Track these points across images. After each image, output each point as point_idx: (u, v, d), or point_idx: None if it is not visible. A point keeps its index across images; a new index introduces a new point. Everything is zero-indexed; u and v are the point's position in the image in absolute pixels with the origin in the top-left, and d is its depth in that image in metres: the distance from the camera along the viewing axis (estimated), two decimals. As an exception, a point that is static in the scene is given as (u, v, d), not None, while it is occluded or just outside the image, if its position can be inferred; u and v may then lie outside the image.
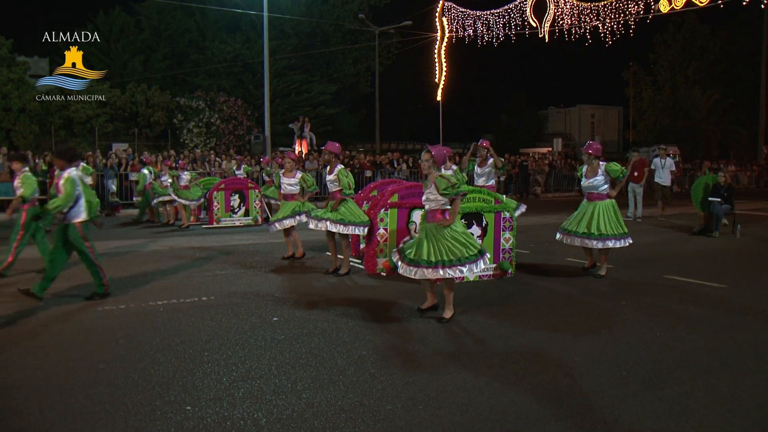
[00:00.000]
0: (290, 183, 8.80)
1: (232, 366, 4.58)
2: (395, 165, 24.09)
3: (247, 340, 5.21)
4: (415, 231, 7.79)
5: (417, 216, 7.73)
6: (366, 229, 7.83)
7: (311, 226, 7.94)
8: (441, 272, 5.55)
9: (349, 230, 7.72)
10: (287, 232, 8.97)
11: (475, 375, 4.43)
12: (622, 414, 3.79)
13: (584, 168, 8.03)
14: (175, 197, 13.63)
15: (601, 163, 7.82)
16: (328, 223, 7.70)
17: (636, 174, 14.86)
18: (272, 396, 4.03)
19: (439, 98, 24.49)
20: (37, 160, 17.91)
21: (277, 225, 8.77)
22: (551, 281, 7.74)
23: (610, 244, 7.65)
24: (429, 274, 5.59)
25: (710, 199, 12.07)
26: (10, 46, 25.68)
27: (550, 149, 38.20)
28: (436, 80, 28.12)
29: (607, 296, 6.94)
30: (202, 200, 14.26)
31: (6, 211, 8.53)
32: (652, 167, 15.82)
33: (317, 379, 4.32)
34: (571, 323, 5.81)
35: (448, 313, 5.78)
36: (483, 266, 5.74)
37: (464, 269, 5.58)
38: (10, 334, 5.40)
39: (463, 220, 7.56)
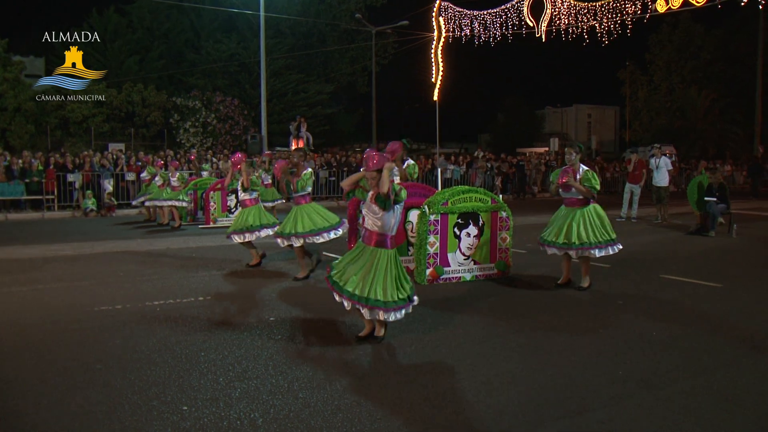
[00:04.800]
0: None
1: (228, 366, 4.57)
2: (392, 165, 24.02)
3: (243, 340, 5.20)
4: (412, 231, 7.78)
5: (413, 216, 7.73)
6: (340, 230, 7.66)
7: (281, 244, 7.68)
8: (363, 310, 4.95)
9: (323, 237, 7.53)
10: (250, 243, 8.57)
11: (472, 374, 4.43)
12: (619, 413, 3.80)
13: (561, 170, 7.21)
14: (164, 201, 13.61)
15: (582, 168, 7.04)
16: (294, 239, 7.44)
17: (636, 173, 14.85)
18: (269, 396, 4.02)
19: (435, 98, 24.46)
20: (33, 161, 17.88)
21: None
22: (548, 281, 7.73)
23: (595, 253, 6.90)
24: (348, 306, 4.99)
25: (706, 198, 12.10)
26: (6, 46, 25.59)
27: (547, 149, 38.22)
28: (433, 80, 28.13)
29: (603, 296, 6.95)
30: (190, 204, 14.18)
31: None
32: (650, 167, 15.82)
33: (314, 379, 4.31)
34: (568, 323, 5.82)
35: (381, 331, 5.13)
36: (403, 314, 5.00)
37: (384, 314, 4.89)
38: (6, 334, 5.38)
39: (459, 220, 7.59)
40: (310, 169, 7.77)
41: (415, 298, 5.13)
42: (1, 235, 12.64)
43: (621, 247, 7.09)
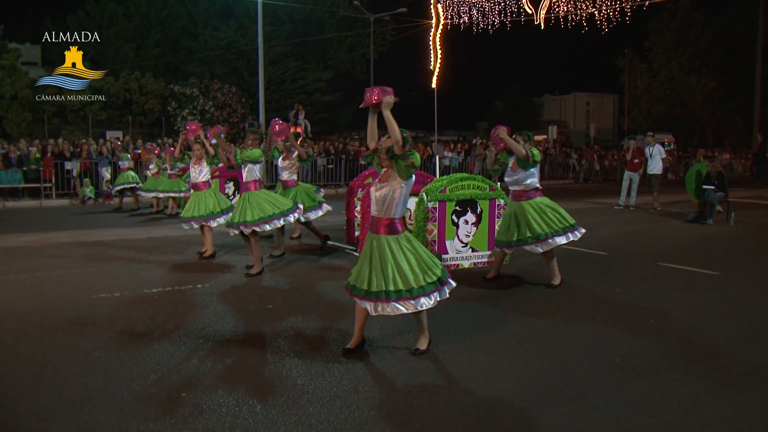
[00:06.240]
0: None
1: (227, 353, 4.58)
2: (390, 152, 23.98)
3: (241, 327, 5.21)
4: (410, 218, 7.78)
5: (411, 204, 7.72)
6: (294, 214, 7.51)
7: (230, 234, 7.52)
8: (380, 307, 4.33)
9: (274, 225, 7.37)
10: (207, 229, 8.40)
11: (469, 362, 4.45)
12: (616, 400, 3.82)
13: (511, 159, 6.71)
14: (153, 192, 13.58)
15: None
16: (242, 227, 7.22)
17: (636, 161, 14.82)
18: (267, 383, 4.03)
19: (434, 85, 24.38)
20: (30, 148, 17.82)
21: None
22: (546, 268, 7.74)
23: (556, 240, 6.46)
24: (370, 307, 4.37)
25: (704, 186, 12.11)
26: (1, 33, 25.39)
27: (546, 137, 38.15)
28: (432, 67, 28.03)
29: (600, 283, 6.97)
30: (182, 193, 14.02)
31: None
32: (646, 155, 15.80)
33: (312, 366, 4.33)
34: (566, 311, 5.84)
35: (423, 343, 4.62)
36: (441, 298, 4.48)
37: (412, 304, 4.31)
38: (4, 322, 5.39)
39: (457, 207, 7.59)
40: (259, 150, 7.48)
41: (451, 281, 4.57)
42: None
43: (584, 230, 6.71)
